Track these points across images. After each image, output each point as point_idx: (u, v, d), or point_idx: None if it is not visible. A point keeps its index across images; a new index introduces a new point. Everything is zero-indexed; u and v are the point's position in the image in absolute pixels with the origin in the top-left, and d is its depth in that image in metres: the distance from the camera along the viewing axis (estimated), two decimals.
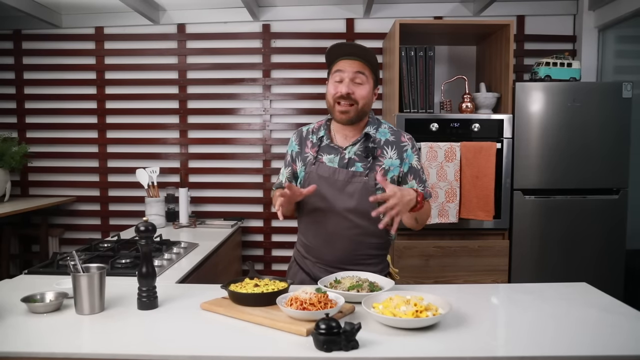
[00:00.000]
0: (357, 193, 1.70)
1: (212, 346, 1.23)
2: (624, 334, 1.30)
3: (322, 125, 1.82)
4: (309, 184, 1.72)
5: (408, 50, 2.97)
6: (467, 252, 2.88)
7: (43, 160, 3.65)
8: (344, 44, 1.73)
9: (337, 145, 1.76)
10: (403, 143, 1.77)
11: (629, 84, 2.86)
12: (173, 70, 3.58)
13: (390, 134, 1.78)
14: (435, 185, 2.80)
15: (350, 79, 1.67)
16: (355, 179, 1.71)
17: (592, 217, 2.92)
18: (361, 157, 1.73)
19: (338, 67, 1.69)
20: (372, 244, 1.77)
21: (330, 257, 1.76)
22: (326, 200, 1.72)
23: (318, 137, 1.80)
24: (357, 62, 1.68)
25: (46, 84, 3.62)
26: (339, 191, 1.71)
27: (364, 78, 1.68)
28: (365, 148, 1.73)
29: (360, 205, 1.69)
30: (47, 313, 1.43)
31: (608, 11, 3.21)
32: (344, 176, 1.72)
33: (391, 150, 1.74)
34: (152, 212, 3.10)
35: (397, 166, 1.74)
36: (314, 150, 1.78)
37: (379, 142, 1.75)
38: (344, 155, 1.74)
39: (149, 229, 1.47)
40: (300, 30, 3.53)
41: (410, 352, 1.18)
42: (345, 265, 1.75)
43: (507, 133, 2.87)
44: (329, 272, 1.72)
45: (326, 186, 1.72)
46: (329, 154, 1.76)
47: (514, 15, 3.45)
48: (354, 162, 1.73)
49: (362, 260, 1.76)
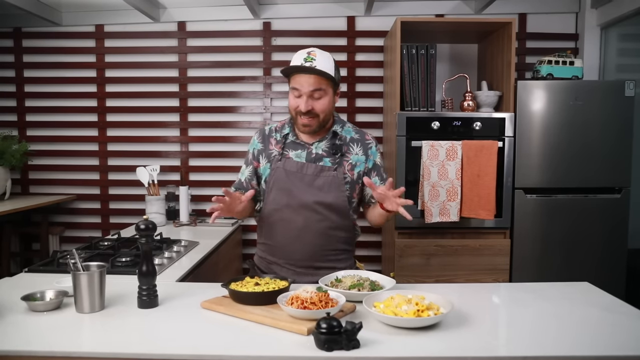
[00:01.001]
0: (327, 186, 1.75)
1: (213, 345, 1.23)
2: (626, 334, 1.30)
3: (286, 124, 1.86)
4: (276, 180, 1.77)
5: (409, 48, 2.96)
6: (468, 251, 2.87)
7: (43, 158, 3.64)
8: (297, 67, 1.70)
9: (303, 142, 1.80)
10: (367, 141, 1.84)
11: (631, 82, 2.85)
12: (173, 68, 3.57)
13: (355, 133, 1.85)
14: (436, 184, 2.79)
15: (308, 95, 1.70)
16: (324, 173, 1.75)
17: (594, 216, 2.91)
18: (329, 152, 1.78)
19: (295, 83, 1.72)
20: (341, 237, 1.81)
21: (300, 254, 1.77)
22: (294, 195, 1.75)
23: (282, 134, 1.83)
24: (313, 78, 1.69)
25: (46, 82, 3.61)
26: (308, 185, 1.75)
27: (322, 92, 1.71)
28: (333, 145, 1.79)
29: (330, 198, 1.75)
30: (47, 311, 1.43)
31: (610, 9, 3.20)
32: (313, 170, 1.76)
33: (357, 147, 1.81)
34: (153, 210, 3.10)
35: (362, 162, 1.81)
36: (279, 147, 1.81)
37: (344, 139, 1.81)
38: (311, 150, 1.79)
39: (149, 228, 1.46)
40: (301, 28, 3.52)
41: (411, 352, 1.18)
42: (315, 263, 1.77)
43: (509, 132, 2.87)
44: (298, 274, 1.74)
45: (294, 181, 1.76)
46: (295, 150, 1.80)
47: (516, 13, 3.44)
48: (321, 157, 1.78)
49: (332, 255, 1.79)
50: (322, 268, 1.77)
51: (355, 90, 3.53)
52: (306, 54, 1.72)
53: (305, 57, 1.70)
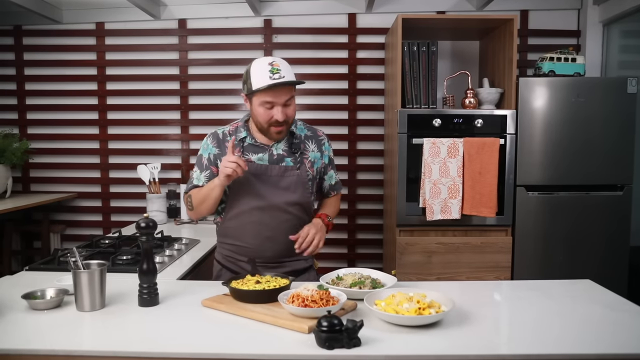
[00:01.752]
0: (293, 185, 1.80)
1: (213, 343, 1.22)
2: (629, 332, 1.29)
3: (239, 127, 1.84)
4: (240, 184, 1.76)
5: (410, 45, 2.95)
6: (470, 249, 2.86)
7: (44, 156, 3.64)
8: (275, 85, 1.67)
9: (262, 144, 1.82)
10: (320, 137, 1.91)
11: (633, 79, 2.83)
12: (174, 65, 3.56)
13: (307, 130, 1.90)
14: (437, 181, 2.78)
15: (282, 105, 1.71)
16: (288, 173, 1.80)
17: (596, 214, 2.90)
18: (289, 152, 1.82)
19: (268, 97, 1.69)
20: None
21: (271, 252, 1.82)
22: (263, 197, 1.78)
23: (239, 138, 1.81)
24: (284, 90, 1.70)
25: (47, 79, 3.61)
26: (274, 186, 1.79)
27: (292, 99, 1.75)
28: (292, 144, 1.83)
29: (297, 197, 1.81)
30: (48, 310, 1.43)
31: (612, 6, 3.18)
32: (277, 171, 1.80)
33: (312, 144, 1.88)
34: (154, 208, 3.10)
35: (319, 158, 1.89)
36: (237, 150, 1.79)
37: (300, 137, 1.86)
38: (271, 151, 1.81)
39: (150, 226, 1.46)
40: (302, 25, 3.51)
41: (413, 350, 1.17)
42: (284, 259, 1.84)
43: (511, 129, 2.86)
44: (267, 268, 1.78)
45: (260, 183, 1.78)
46: (256, 153, 1.80)
47: (518, 10, 3.42)
48: (283, 157, 1.81)
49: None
50: (289, 261, 1.85)
51: (357, 87, 3.52)
52: (270, 67, 1.68)
53: (271, 69, 1.68)
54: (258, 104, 1.72)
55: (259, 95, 1.70)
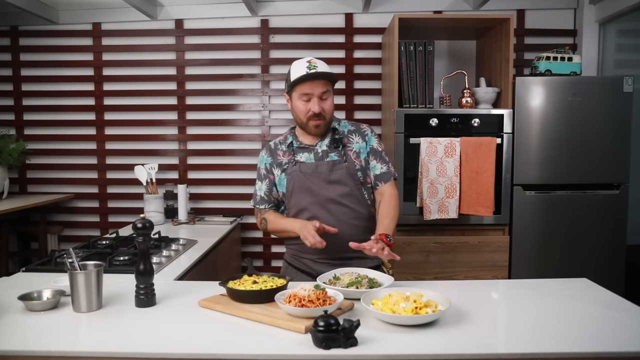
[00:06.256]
0: (343, 178, 1.85)
1: (210, 344, 1.22)
2: (625, 331, 1.29)
3: (287, 135, 1.97)
4: (294, 184, 1.86)
5: (407, 45, 2.95)
6: (467, 248, 2.87)
7: (41, 157, 3.63)
8: (311, 75, 1.79)
9: (307, 145, 1.91)
10: (363, 129, 1.95)
11: (629, 78, 2.84)
12: (171, 66, 3.56)
13: (351, 126, 1.96)
14: (434, 180, 2.79)
15: (318, 97, 1.81)
16: (337, 167, 1.85)
17: (593, 213, 2.91)
18: (332, 147, 1.88)
19: (305, 89, 1.81)
20: (366, 227, 1.88)
21: (332, 247, 1.80)
22: (316, 193, 1.84)
23: (287, 144, 1.93)
24: (322, 82, 1.81)
25: (44, 80, 3.60)
26: (326, 181, 1.85)
27: (328, 94, 1.84)
28: (334, 140, 1.89)
29: (349, 189, 1.85)
30: (44, 311, 1.43)
31: (609, 5, 3.19)
32: (326, 166, 1.86)
33: (356, 137, 1.92)
34: (151, 208, 3.09)
35: (364, 148, 1.91)
36: (287, 155, 1.91)
37: (342, 133, 1.92)
38: (317, 150, 1.89)
39: (146, 226, 1.46)
40: (299, 25, 3.51)
41: (409, 349, 1.17)
42: (346, 254, 1.81)
43: (507, 128, 2.86)
44: (332, 265, 1.79)
45: (312, 180, 1.85)
46: (303, 154, 1.90)
47: (514, 9, 3.43)
48: (327, 153, 1.88)
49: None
50: (353, 258, 1.84)
51: (354, 87, 3.52)
52: (307, 63, 1.82)
53: (308, 65, 1.82)
54: (297, 98, 1.84)
55: (297, 89, 1.82)
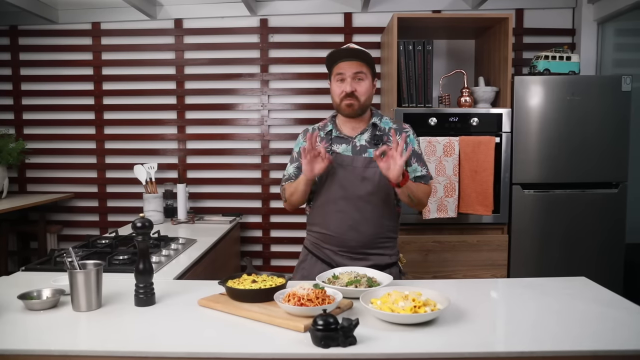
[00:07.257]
0: (377, 177, 1.82)
1: (210, 343, 1.23)
2: (624, 329, 1.30)
3: (328, 122, 1.96)
4: (327, 175, 1.83)
5: (406, 44, 2.95)
6: (466, 247, 2.87)
7: (40, 156, 3.63)
8: (342, 49, 1.84)
9: (346, 135, 1.89)
10: (405, 129, 1.94)
11: (628, 77, 2.85)
12: (170, 65, 3.56)
13: (393, 123, 1.95)
14: (434, 180, 2.78)
15: (351, 77, 1.81)
16: (372, 164, 1.82)
17: (592, 211, 2.92)
18: (371, 144, 1.86)
19: (339, 69, 1.83)
20: (389, 226, 1.90)
21: (355, 242, 1.84)
22: (348, 188, 1.83)
23: (326, 132, 1.92)
24: (355, 63, 1.82)
25: (43, 80, 3.60)
26: (359, 177, 1.83)
27: (363, 75, 1.83)
28: (374, 136, 1.87)
29: (380, 189, 1.83)
30: (44, 310, 1.43)
31: (607, 4, 3.19)
32: (362, 163, 1.84)
33: (397, 136, 1.84)
34: (151, 208, 3.09)
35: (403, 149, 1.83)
36: (324, 143, 1.87)
37: (384, 130, 1.90)
38: (355, 143, 1.87)
39: (146, 225, 1.46)
40: (298, 24, 3.51)
41: (408, 348, 1.18)
42: (367, 250, 1.85)
43: (506, 127, 2.86)
44: (352, 259, 1.83)
45: (344, 174, 1.84)
46: (340, 144, 1.88)
47: (513, 9, 3.43)
48: (365, 148, 1.86)
49: (382, 243, 1.87)
50: (373, 254, 1.86)
51: None
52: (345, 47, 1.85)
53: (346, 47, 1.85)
54: (334, 80, 1.85)
55: (334, 71, 1.84)
